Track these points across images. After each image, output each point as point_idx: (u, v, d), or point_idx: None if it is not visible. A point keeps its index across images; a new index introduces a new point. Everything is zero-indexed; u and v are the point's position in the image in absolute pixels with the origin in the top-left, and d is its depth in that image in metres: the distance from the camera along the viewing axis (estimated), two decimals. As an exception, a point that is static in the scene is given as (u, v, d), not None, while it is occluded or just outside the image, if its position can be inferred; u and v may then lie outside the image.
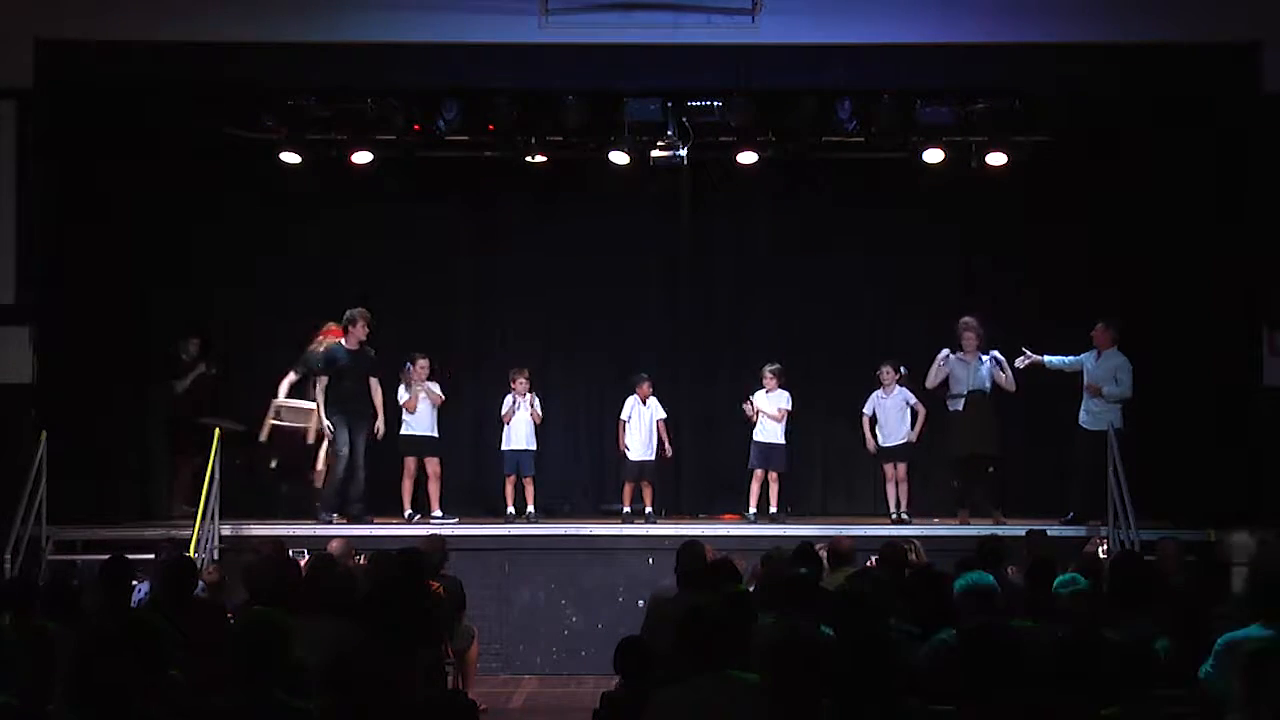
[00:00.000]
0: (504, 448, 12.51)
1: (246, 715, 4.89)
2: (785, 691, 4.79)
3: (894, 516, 12.23)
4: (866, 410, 12.57)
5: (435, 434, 12.51)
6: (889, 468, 12.43)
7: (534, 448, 12.55)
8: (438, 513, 12.27)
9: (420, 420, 12.43)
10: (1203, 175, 12.25)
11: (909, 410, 12.45)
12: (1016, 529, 11.00)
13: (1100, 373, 12.05)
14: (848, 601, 6.27)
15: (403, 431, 12.43)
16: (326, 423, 12.04)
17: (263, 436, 12.27)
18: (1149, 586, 6.91)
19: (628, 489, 12.49)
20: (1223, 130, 11.98)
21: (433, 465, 12.41)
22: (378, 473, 12.59)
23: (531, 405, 12.48)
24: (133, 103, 11.98)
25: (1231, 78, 11.68)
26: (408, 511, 12.24)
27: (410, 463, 12.36)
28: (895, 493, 12.36)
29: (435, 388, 12.51)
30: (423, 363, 12.47)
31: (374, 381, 12.22)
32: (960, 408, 12.28)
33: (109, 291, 12.55)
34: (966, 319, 12.35)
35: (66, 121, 11.83)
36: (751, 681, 4.95)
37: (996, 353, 12.28)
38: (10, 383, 11.60)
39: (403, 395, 12.41)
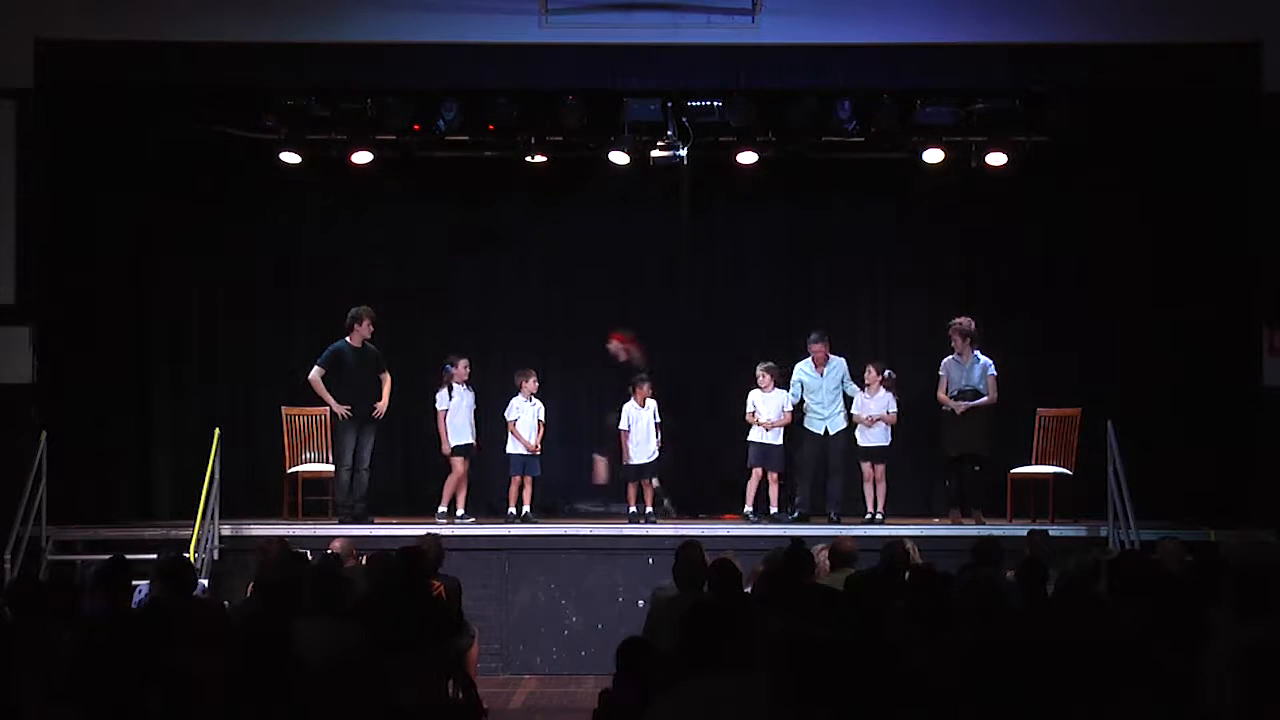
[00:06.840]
0: (510, 451, 12.47)
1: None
2: (786, 692, 4.79)
3: (868, 516, 12.18)
4: (857, 410, 12.55)
5: (472, 438, 12.46)
6: (867, 467, 12.40)
7: (540, 451, 12.53)
8: (460, 511, 12.25)
9: (461, 423, 12.39)
10: (1203, 175, 12.25)
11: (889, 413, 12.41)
12: (1017, 529, 10.98)
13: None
14: (848, 602, 6.26)
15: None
16: (343, 408, 12.04)
17: None
18: (1149, 586, 6.90)
19: (629, 490, 12.48)
20: (1223, 130, 11.98)
21: (464, 466, 12.38)
22: (390, 473, 12.58)
23: (537, 416, 12.46)
24: (133, 103, 11.99)
25: (1231, 78, 11.68)
26: (442, 509, 12.20)
27: (458, 463, 12.30)
28: (873, 493, 12.31)
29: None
30: (463, 363, 12.45)
31: (385, 376, 12.24)
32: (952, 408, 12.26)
33: (109, 291, 12.56)
34: (955, 320, 12.34)
35: (67, 122, 11.83)
36: (752, 682, 4.95)
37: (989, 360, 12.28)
38: (10, 383, 11.60)
39: (443, 401, 12.35)
